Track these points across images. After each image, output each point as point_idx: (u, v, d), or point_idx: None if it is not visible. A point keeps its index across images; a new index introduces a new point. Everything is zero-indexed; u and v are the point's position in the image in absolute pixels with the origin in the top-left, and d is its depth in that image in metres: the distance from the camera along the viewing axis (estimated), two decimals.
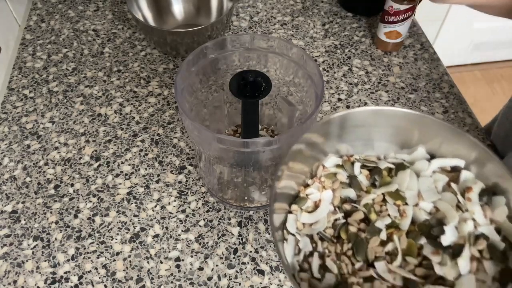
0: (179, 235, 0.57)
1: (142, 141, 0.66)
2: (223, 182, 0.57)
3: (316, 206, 0.36)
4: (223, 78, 0.56)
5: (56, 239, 0.57)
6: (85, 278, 0.54)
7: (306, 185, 0.38)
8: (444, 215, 0.33)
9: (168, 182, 0.62)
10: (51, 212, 0.59)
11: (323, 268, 0.32)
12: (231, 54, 0.54)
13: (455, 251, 0.31)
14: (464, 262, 0.30)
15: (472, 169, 0.34)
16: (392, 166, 0.37)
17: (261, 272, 0.54)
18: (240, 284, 0.53)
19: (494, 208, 0.32)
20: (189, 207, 0.60)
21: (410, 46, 0.81)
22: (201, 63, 0.53)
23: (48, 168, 0.63)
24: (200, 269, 0.55)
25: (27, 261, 0.55)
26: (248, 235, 0.57)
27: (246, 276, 0.54)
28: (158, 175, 0.63)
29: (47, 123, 0.69)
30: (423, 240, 0.32)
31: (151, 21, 0.80)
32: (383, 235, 0.33)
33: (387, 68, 0.77)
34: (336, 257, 0.33)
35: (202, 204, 0.60)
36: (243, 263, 0.55)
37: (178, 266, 0.55)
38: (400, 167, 0.36)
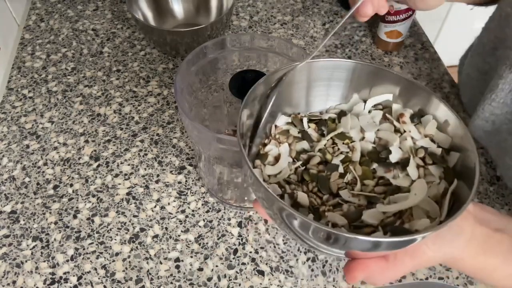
0: (179, 235, 0.57)
1: (142, 141, 0.66)
2: (223, 182, 0.57)
3: (276, 159, 0.41)
4: (223, 78, 0.56)
5: (55, 239, 0.56)
6: (84, 279, 0.53)
7: (264, 144, 0.42)
8: (387, 140, 0.39)
9: (167, 182, 0.62)
10: (50, 213, 0.59)
11: (295, 205, 0.36)
12: (231, 53, 0.54)
13: (403, 164, 0.37)
14: (412, 170, 0.36)
15: (400, 101, 0.41)
16: (334, 115, 0.42)
17: (261, 273, 0.54)
18: (240, 284, 0.53)
19: (425, 125, 0.39)
20: (189, 208, 0.59)
21: (411, 45, 0.80)
22: (201, 63, 0.53)
23: (47, 168, 0.63)
24: (200, 269, 0.54)
25: (26, 261, 0.55)
26: (248, 235, 0.57)
27: (246, 277, 0.54)
28: (158, 175, 0.62)
29: (46, 123, 0.68)
30: (374, 165, 0.38)
31: (150, 20, 0.79)
32: (341, 169, 0.38)
33: (387, 67, 0.77)
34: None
35: (202, 205, 0.60)
36: (243, 264, 0.55)
37: (177, 267, 0.54)
38: (341, 114, 0.42)
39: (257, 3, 0.88)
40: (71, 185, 0.61)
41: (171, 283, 0.53)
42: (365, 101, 0.42)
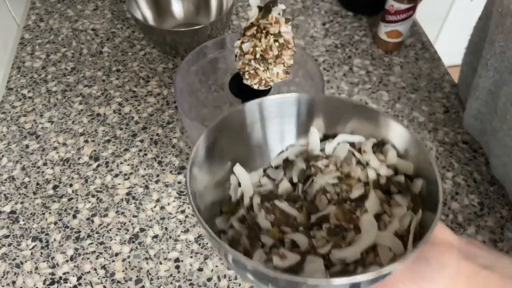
0: (179, 235, 0.57)
1: (141, 141, 0.66)
2: None
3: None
4: (223, 78, 0.56)
5: (55, 239, 0.56)
6: (84, 279, 0.53)
7: None
8: (350, 175, 0.37)
9: (167, 182, 0.62)
10: (50, 213, 0.59)
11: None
12: (231, 53, 0.54)
13: (363, 200, 0.35)
14: (371, 204, 0.35)
15: (359, 129, 0.39)
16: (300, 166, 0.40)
17: None
18: (239, 285, 0.53)
19: (385, 154, 0.37)
20: (189, 208, 0.59)
21: (411, 45, 0.80)
22: (200, 63, 0.52)
23: (47, 168, 0.63)
24: (200, 270, 0.54)
25: (26, 261, 0.55)
26: None
27: None
28: (158, 175, 0.62)
29: (45, 123, 0.68)
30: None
31: (150, 20, 0.79)
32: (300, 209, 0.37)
33: (388, 67, 0.77)
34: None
35: None
36: None
37: (177, 267, 0.54)
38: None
39: None
40: (71, 185, 0.61)
41: (171, 283, 0.53)
42: (325, 136, 0.41)
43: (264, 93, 0.49)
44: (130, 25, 0.83)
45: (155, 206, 0.59)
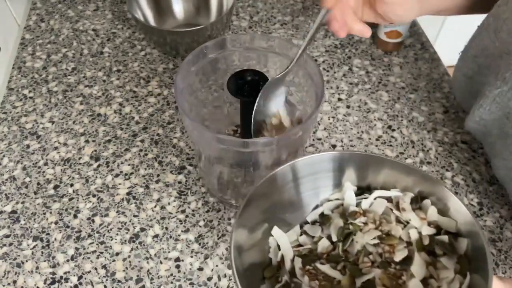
0: (179, 235, 0.57)
1: (142, 141, 0.66)
2: (223, 182, 0.57)
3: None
4: (223, 78, 0.56)
5: (55, 239, 0.57)
6: (85, 279, 0.53)
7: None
8: (391, 234, 0.36)
9: (168, 182, 0.62)
10: (50, 212, 0.59)
11: None
12: (231, 54, 0.54)
13: (407, 262, 0.34)
14: (417, 268, 0.33)
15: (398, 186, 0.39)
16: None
17: None
18: None
19: (426, 211, 0.36)
20: (189, 207, 0.60)
21: (411, 45, 0.81)
22: (201, 63, 0.53)
23: (48, 168, 0.63)
24: (200, 269, 0.54)
25: (26, 261, 0.55)
26: None
27: None
28: (158, 175, 0.63)
29: (46, 123, 0.68)
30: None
31: (151, 20, 0.79)
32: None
33: (387, 68, 0.77)
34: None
35: (202, 204, 0.60)
36: None
37: (178, 266, 0.55)
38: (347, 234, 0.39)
39: (257, 3, 0.88)
40: (72, 185, 0.62)
41: (171, 282, 0.53)
42: (359, 187, 0.40)
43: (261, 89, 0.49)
44: (130, 25, 0.83)
45: (155, 206, 0.60)
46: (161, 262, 0.55)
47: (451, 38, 1.63)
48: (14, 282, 0.53)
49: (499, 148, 0.56)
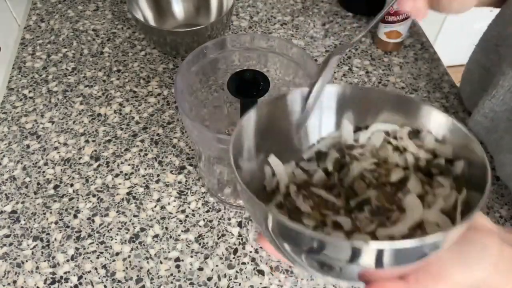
0: (179, 235, 0.57)
1: (142, 141, 0.66)
2: (223, 182, 0.57)
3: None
4: (223, 78, 0.56)
5: (55, 239, 0.57)
6: (85, 279, 0.54)
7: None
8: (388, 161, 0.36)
9: (168, 182, 0.62)
10: (50, 212, 0.59)
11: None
12: (231, 54, 0.54)
13: (403, 183, 0.34)
14: (413, 184, 0.34)
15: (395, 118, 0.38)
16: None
17: (261, 273, 0.54)
18: (240, 284, 0.53)
19: (423, 140, 0.36)
20: (189, 207, 0.60)
21: (411, 46, 0.81)
22: (201, 63, 0.53)
23: (48, 168, 0.63)
24: (200, 269, 0.54)
25: (26, 261, 0.55)
26: (248, 235, 0.57)
27: (246, 277, 0.54)
28: (158, 175, 0.63)
29: (46, 123, 0.68)
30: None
31: (151, 20, 0.79)
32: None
33: (387, 68, 0.77)
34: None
35: (202, 204, 0.60)
36: (243, 263, 0.55)
37: (178, 266, 0.55)
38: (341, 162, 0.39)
39: (257, 3, 0.88)
40: (72, 185, 0.62)
41: (171, 282, 0.53)
42: (357, 128, 0.40)
43: (262, 92, 0.49)
44: (130, 25, 0.83)
45: (155, 206, 0.60)
46: (161, 262, 0.55)
47: (451, 38, 1.63)
48: (14, 282, 0.53)
49: (506, 142, 0.55)
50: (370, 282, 0.30)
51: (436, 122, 0.36)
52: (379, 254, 0.27)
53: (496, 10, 0.59)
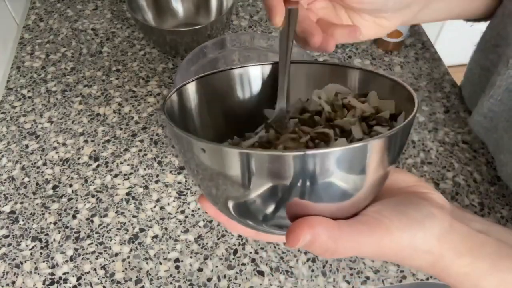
0: (179, 235, 0.57)
1: (141, 141, 0.66)
2: None
3: None
4: None
5: (54, 240, 0.56)
6: (84, 279, 0.53)
7: None
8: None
9: (167, 182, 0.62)
10: (49, 213, 0.59)
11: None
12: (230, 53, 0.54)
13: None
14: (356, 130, 0.34)
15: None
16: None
17: (261, 273, 0.54)
18: (240, 285, 0.53)
19: (368, 100, 0.37)
20: (189, 208, 0.59)
21: (411, 45, 0.80)
22: (200, 63, 0.52)
23: (47, 168, 0.63)
24: (200, 270, 0.54)
25: (25, 262, 0.55)
26: None
27: (246, 277, 0.54)
28: (157, 176, 0.62)
29: (45, 123, 0.68)
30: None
31: (150, 20, 0.79)
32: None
33: (388, 67, 0.77)
34: None
35: None
36: (243, 264, 0.55)
37: (177, 267, 0.54)
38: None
39: (257, 2, 0.87)
40: (71, 185, 0.61)
41: (171, 283, 0.53)
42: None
43: None
44: (130, 25, 0.83)
45: (155, 206, 0.59)
46: (160, 263, 0.55)
47: (452, 37, 1.63)
48: (13, 282, 0.53)
49: (506, 141, 0.55)
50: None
51: (380, 83, 0.36)
52: (301, 165, 0.25)
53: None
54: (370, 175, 0.27)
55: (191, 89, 0.36)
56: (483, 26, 0.62)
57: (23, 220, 0.58)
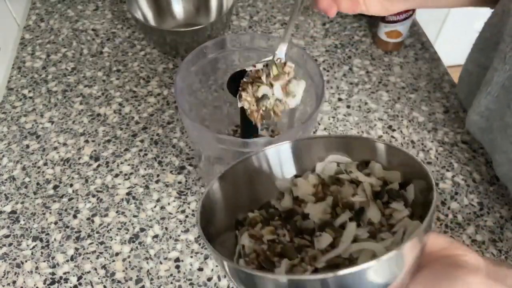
0: (179, 235, 0.57)
1: (142, 141, 0.66)
2: None
3: None
4: (223, 78, 0.56)
5: (55, 239, 0.57)
6: (84, 279, 0.53)
7: None
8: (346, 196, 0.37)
9: (167, 182, 0.62)
10: (50, 213, 0.59)
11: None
12: (231, 53, 0.54)
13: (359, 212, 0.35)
14: (373, 213, 0.34)
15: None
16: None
17: None
18: None
19: (372, 170, 0.37)
20: (189, 208, 0.59)
21: (411, 45, 0.80)
22: (200, 63, 0.53)
23: (47, 168, 0.63)
24: (200, 269, 0.54)
25: (26, 261, 0.55)
26: None
27: None
28: (158, 175, 0.62)
29: (46, 123, 0.68)
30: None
31: (150, 20, 0.79)
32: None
33: (387, 67, 0.77)
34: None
35: None
36: None
37: (177, 267, 0.55)
38: None
39: (257, 3, 0.88)
40: (71, 185, 0.61)
41: (171, 283, 0.53)
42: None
43: None
44: (130, 25, 0.83)
45: (155, 206, 0.60)
46: (161, 263, 0.55)
47: (451, 38, 1.63)
48: (14, 282, 0.53)
49: (499, 141, 0.56)
50: None
51: (378, 150, 0.37)
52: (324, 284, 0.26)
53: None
54: (407, 266, 0.28)
55: (216, 187, 0.37)
56: (482, 25, 0.62)
57: (24, 220, 0.58)
